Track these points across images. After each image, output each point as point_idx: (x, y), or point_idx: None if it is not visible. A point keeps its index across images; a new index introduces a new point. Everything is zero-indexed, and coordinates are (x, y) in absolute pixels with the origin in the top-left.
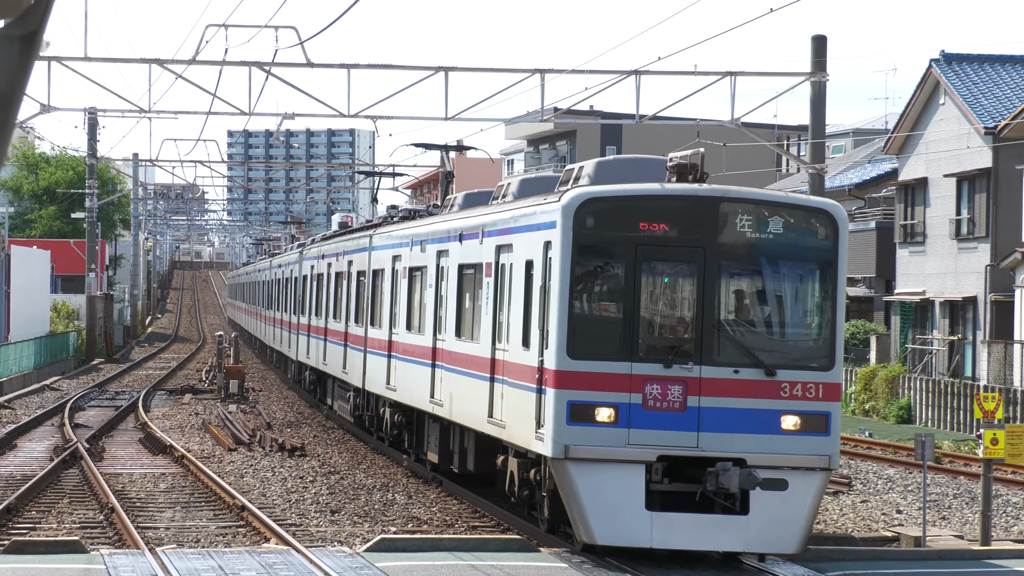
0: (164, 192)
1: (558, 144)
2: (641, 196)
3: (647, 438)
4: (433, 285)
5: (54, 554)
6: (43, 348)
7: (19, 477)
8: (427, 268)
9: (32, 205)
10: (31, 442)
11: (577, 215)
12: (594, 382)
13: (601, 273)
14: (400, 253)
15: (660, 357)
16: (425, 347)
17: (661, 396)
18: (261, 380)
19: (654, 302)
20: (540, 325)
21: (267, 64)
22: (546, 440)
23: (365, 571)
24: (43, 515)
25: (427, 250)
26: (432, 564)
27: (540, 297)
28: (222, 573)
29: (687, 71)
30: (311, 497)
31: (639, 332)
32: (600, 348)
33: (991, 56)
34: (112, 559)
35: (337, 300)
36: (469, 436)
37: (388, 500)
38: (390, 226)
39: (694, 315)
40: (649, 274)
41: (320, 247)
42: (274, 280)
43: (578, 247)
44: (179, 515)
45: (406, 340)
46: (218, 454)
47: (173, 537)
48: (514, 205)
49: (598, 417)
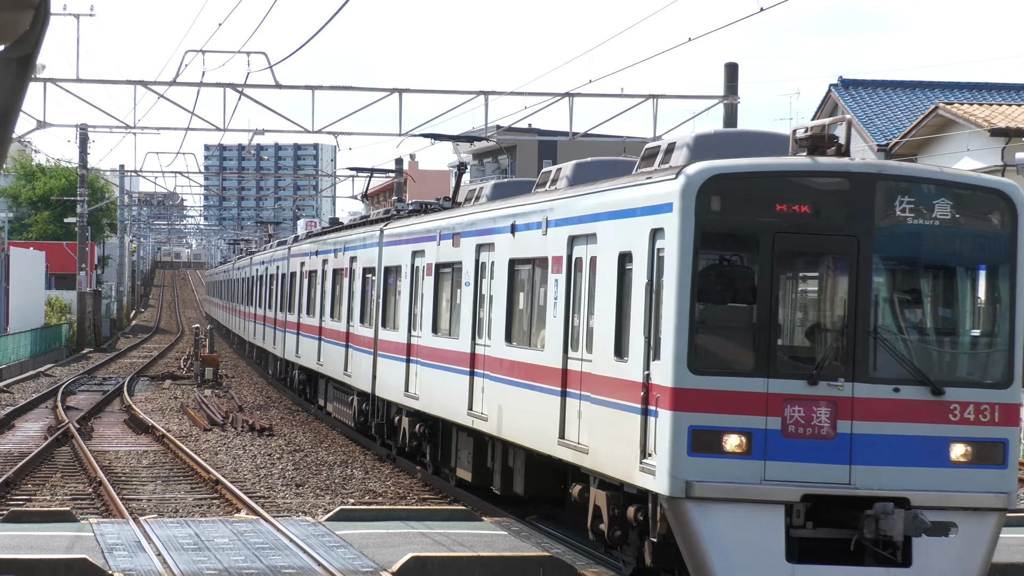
0: (147, 199)
1: (500, 158)
2: (780, 172)
3: (787, 472)
4: (471, 283)
5: (48, 523)
6: (38, 339)
7: (16, 454)
8: (462, 264)
9: (29, 211)
10: (27, 423)
11: (701, 196)
12: (721, 403)
13: (730, 268)
14: (423, 248)
15: (803, 372)
16: (459, 353)
17: (804, 420)
18: (233, 368)
19: (795, 304)
20: (645, 332)
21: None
22: (659, 474)
23: (326, 538)
24: (38, 488)
25: (462, 244)
26: (386, 532)
27: (646, 297)
28: (198, 540)
29: (615, 94)
30: (278, 472)
31: (777, 341)
32: (728, 360)
33: (883, 81)
34: (100, 527)
35: (336, 298)
36: (518, 455)
37: (347, 475)
38: (404, 219)
39: (845, 320)
40: (789, 269)
41: (313, 243)
42: (255, 277)
43: (702, 235)
44: (160, 488)
45: (433, 344)
46: (195, 434)
47: (154, 508)
48: (586, 189)
49: (726, 446)
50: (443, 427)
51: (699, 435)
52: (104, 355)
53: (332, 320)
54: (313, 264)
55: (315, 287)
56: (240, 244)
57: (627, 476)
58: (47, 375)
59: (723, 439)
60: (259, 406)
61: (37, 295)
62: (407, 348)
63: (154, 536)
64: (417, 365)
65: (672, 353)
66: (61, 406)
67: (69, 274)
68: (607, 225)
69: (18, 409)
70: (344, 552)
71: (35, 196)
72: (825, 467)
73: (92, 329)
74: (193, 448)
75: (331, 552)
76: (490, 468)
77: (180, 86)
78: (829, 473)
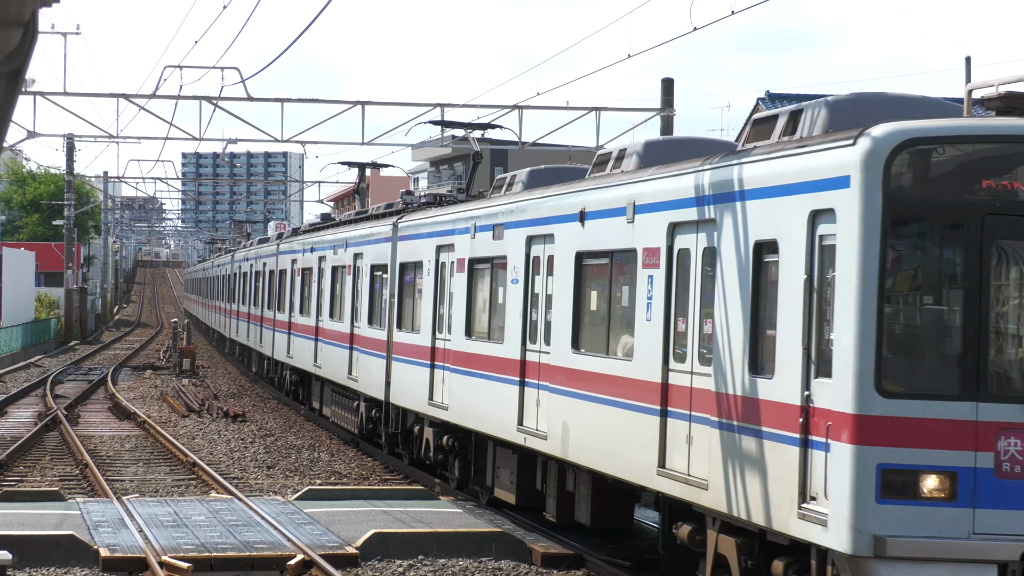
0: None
1: (455, 165)
2: (987, 136)
3: (1002, 523)
4: (520, 281)
5: (38, 502)
6: (29, 332)
7: (9, 439)
8: (507, 259)
9: (20, 214)
10: (19, 409)
11: (889, 166)
12: (917, 434)
13: (925, 260)
14: (451, 242)
15: (1021, 394)
16: (504, 359)
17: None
18: (209, 359)
19: (1010, 307)
20: (804, 341)
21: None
22: (834, 525)
23: (295, 516)
24: (29, 470)
25: (506, 236)
26: (351, 510)
27: (804, 298)
28: (177, 517)
29: (560, 106)
30: (250, 455)
31: (988, 354)
32: (926, 379)
33: (807, 95)
34: (86, 506)
35: (337, 298)
36: (581, 479)
37: (314, 458)
38: (421, 212)
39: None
40: (1003, 261)
41: (306, 239)
42: (239, 274)
43: (893, 217)
44: (141, 470)
45: (467, 349)
46: (173, 420)
47: (136, 488)
48: (691, 166)
49: (924, 490)
50: (475, 440)
51: (891, 476)
52: (90, 347)
53: (332, 320)
54: (307, 261)
55: (310, 285)
56: (218, 243)
57: (777, 523)
58: (37, 366)
59: (920, 481)
60: (233, 394)
61: (27, 292)
62: (431, 352)
63: (136, 514)
64: (445, 372)
65: (853, 370)
66: (50, 394)
67: (57, 272)
68: (734, 208)
69: (10, 397)
70: (312, 528)
71: (26, 200)
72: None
73: (79, 323)
74: (172, 433)
75: (300, 528)
76: (540, 491)
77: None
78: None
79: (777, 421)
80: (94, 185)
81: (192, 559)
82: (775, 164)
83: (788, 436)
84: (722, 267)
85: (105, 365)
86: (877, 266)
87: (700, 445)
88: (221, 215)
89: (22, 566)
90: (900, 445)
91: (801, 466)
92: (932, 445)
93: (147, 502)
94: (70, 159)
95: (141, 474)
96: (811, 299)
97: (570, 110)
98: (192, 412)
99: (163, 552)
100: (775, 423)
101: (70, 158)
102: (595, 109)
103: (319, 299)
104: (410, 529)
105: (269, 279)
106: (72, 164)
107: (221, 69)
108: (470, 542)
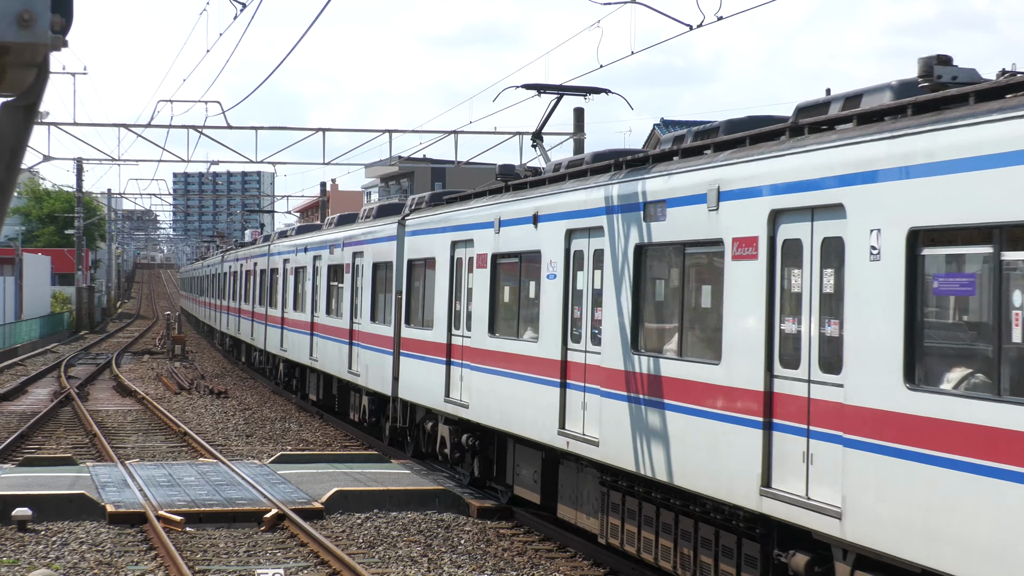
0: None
1: (402, 180)
2: None
3: None
4: (559, 276)
5: (54, 466)
6: (45, 324)
7: (29, 413)
8: (541, 254)
9: (37, 225)
10: (37, 388)
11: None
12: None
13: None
14: (470, 237)
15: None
16: (539, 359)
17: None
18: (197, 346)
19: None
20: None
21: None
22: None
23: (270, 476)
24: (46, 439)
25: (540, 228)
26: (317, 471)
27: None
28: (171, 478)
29: (489, 131)
30: (232, 426)
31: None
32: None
33: (696, 121)
34: (95, 469)
35: (334, 295)
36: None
37: (286, 428)
38: (432, 209)
39: None
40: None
41: (298, 240)
42: (228, 273)
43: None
44: (141, 439)
45: (491, 347)
46: (167, 397)
47: (137, 453)
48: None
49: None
50: (498, 441)
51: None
52: (97, 336)
53: (329, 317)
54: (300, 261)
55: (304, 283)
56: (218, 241)
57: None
58: (52, 352)
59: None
60: (217, 375)
61: (44, 290)
62: (447, 349)
63: (137, 476)
64: (464, 369)
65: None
66: (64, 376)
67: (69, 273)
68: (888, 189)
69: (30, 378)
70: (284, 487)
71: (42, 214)
72: None
73: (87, 316)
74: (166, 408)
75: (274, 487)
76: (613, 524)
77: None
78: None
79: (981, 449)
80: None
81: (184, 513)
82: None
83: (996, 469)
84: (884, 260)
85: (110, 351)
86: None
87: (826, 464)
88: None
89: (40, 520)
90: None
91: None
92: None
93: (146, 466)
94: (79, 179)
95: (141, 442)
96: None
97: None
98: (183, 390)
99: (160, 507)
100: (979, 451)
101: (79, 178)
102: (518, 134)
103: (313, 297)
104: (367, 487)
105: (260, 278)
106: (81, 183)
107: (205, 103)
108: (417, 498)
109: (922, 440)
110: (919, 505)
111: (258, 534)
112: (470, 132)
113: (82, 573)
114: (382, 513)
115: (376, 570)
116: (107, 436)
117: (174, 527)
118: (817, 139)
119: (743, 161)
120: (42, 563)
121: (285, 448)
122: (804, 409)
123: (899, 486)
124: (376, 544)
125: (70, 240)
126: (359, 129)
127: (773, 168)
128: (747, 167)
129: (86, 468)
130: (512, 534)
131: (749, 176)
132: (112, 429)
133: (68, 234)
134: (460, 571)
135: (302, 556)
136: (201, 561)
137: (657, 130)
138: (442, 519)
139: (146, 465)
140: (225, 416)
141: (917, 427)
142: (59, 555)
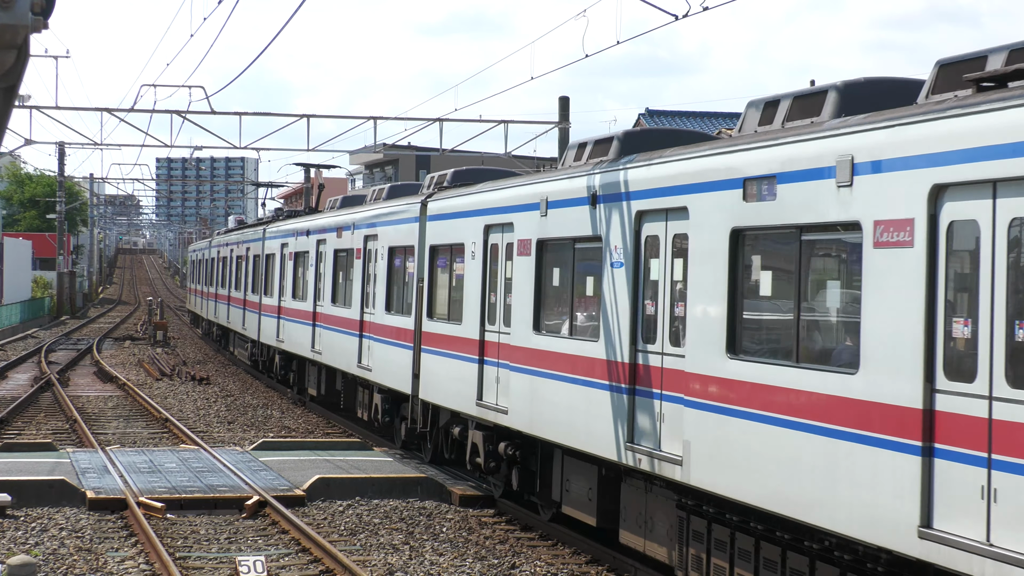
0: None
1: (386, 168)
2: None
3: None
4: (627, 264)
5: (34, 452)
6: (26, 309)
7: (9, 398)
8: (605, 239)
9: (19, 209)
10: (18, 374)
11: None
12: None
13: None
14: (509, 220)
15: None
16: (602, 361)
17: None
18: (179, 332)
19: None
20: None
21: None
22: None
23: (252, 464)
24: (26, 424)
25: (600, 208)
26: (299, 459)
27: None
28: (152, 465)
29: (474, 119)
30: (214, 413)
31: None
32: None
33: (680, 111)
34: (75, 455)
35: (340, 283)
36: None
37: (268, 415)
38: (459, 190)
39: None
40: None
41: (299, 223)
42: (217, 259)
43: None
44: (122, 424)
45: (539, 346)
46: (149, 383)
47: (117, 440)
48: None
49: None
50: (542, 451)
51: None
52: (78, 321)
53: (336, 306)
54: (301, 245)
55: (305, 270)
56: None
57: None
58: (33, 337)
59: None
60: (199, 361)
61: (25, 275)
62: (479, 346)
63: (117, 462)
64: (501, 369)
65: None
66: (44, 361)
67: (50, 258)
68: None
69: (10, 363)
70: (266, 474)
71: (24, 198)
72: None
73: (68, 301)
74: (148, 394)
75: (256, 474)
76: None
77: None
78: None
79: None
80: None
81: (165, 499)
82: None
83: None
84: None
85: (91, 336)
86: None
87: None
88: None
89: (20, 506)
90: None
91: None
92: None
93: (127, 452)
94: (61, 163)
95: (122, 428)
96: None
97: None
98: (164, 376)
99: (140, 494)
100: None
101: (61, 162)
102: (503, 122)
103: (316, 284)
104: (348, 475)
105: (254, 263)
106: (63, 167)
107: (189, 87)
108: (399, 485)
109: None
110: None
111: (239, 521)
112: (455, 120)
113: (62, 559)
114: (364, 501)
115: (357, 557)
116: (87, 422)
117: (155, 514)
118: (1001, 95)
119: (891, 124)
120: (21, 549)
121: (267, 435)
122: (984, 433)
123: None
124: (358, 531)
125: (51, 224)
126: (344, 116)
127: (940, 131)
128: (899, 132)
129: (66, 454)
130: (494, 523)
131: (901, 142)
132: (93, 415)
133: (50, 218)
134: (442, 559)
135: (283, 543)
136: (182, 548)
137: (642, 119)
138: (424, 507)
139: (127, 451)
140: (207, 403)
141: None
142: (38, 541)
